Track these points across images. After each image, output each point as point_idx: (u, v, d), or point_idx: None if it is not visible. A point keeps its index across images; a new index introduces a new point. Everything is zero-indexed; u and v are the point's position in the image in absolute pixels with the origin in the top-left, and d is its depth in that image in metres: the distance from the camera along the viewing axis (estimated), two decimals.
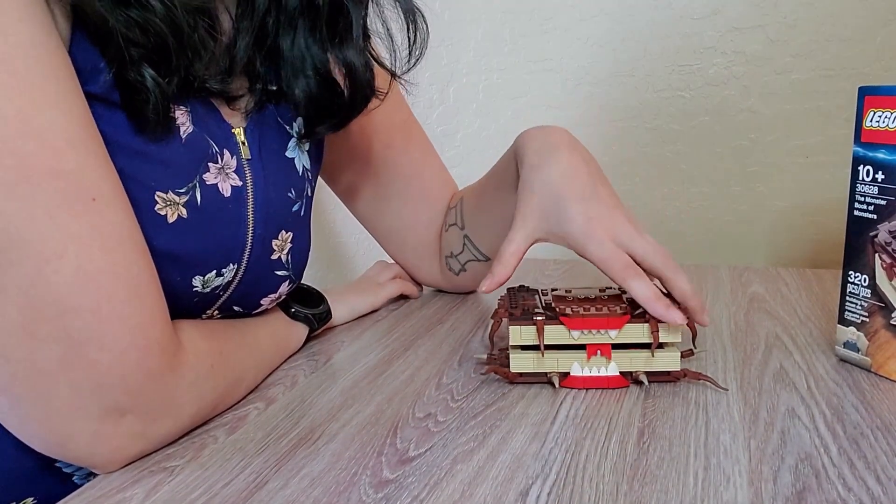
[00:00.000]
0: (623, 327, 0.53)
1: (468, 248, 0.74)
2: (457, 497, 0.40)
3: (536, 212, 0.57)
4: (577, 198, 0.56)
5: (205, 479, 0.43)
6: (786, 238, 1.02)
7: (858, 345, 0.55)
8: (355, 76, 0.56)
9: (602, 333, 0.53)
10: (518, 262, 0.57)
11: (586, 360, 0.53)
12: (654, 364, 0.53)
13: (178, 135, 0.48)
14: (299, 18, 0.53)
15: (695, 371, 0.53)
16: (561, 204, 0.56)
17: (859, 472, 0.41)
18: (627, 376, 0.54)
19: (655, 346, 0.53)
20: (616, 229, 0.55)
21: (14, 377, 0.41)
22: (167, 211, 0.47)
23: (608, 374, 0.53)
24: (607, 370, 0.53)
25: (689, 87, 1.01)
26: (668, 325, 0.53)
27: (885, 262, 0.52)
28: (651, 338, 0.53)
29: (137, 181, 0.45)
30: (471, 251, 0.74)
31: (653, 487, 0.40)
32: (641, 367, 0.53)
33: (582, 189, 0.56)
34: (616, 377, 0.53)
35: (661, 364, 0.53)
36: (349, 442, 0.47)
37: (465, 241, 0.74)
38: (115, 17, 0.42)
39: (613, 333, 0.53)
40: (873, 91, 0.52)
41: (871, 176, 0.52)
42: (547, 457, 0.44)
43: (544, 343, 0.53)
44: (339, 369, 0.60)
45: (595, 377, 0.54)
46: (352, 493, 0.41)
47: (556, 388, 0.54)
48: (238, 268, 0.53)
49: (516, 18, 1.08)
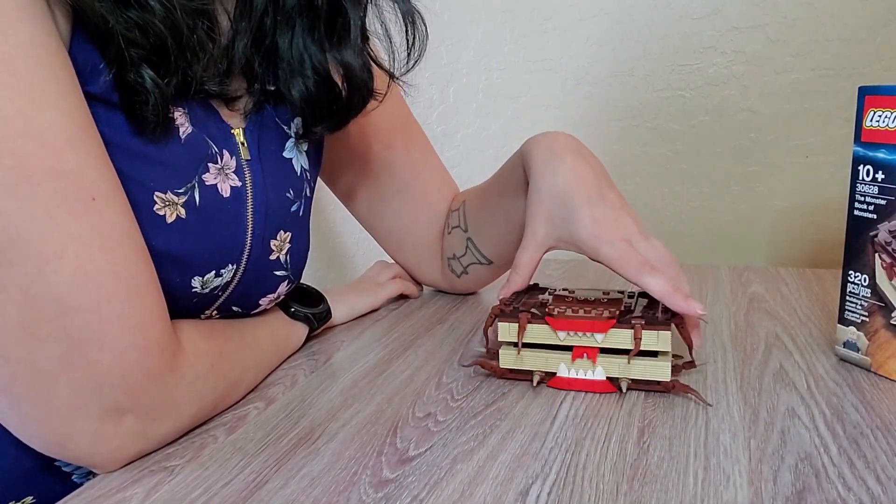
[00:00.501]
0: (608, 331, 0.52)
1: (471, 250, 0.74)
2: (457, 497, 0.40)
3: (546, 219, 0.58)
4: (583, 202, 0.56)
5: (205, 478, 0.43)
6: (786, 238, 1.02)
7: (858, 344, 0.55)
8: (353, 77, 0.56)
9: (587, 336, 0.53)
10: (532, 271, 0.58)
11: (571, 361, 0.53)
12: (643, 372, 0.52)
13: (177, 135, 0.48)
14: (297, 18, 0.53)
15: (684, 384, 0.51)
16: (568, 208, 0.56)
17: (859, 471, 0.41)
18: (615, 382, 0.53)
19: (634, 353, 0.52)
20: (624, 231, 0.55)
21: (14, 377, 0.41)
22: (166, 211, 0.47)
23: (594, 377, 0.53)
24: (594, 374, 0.53)
25: (689, 87, 1.01)
26: (657, 334, 0.51)
27: (885, 261, 0.52)
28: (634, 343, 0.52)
29: (136, 181, 0.45)
30: (473, 254, 0.74)
31: (653, 487, 0.40)
32: (630, 374, 0.52)
33: (588, 193, 0.56)
34: (602, 382, 0.53)
35: (650, 373, 0.52)
36: (349, 441, 0.47)
37: (467, 244, 0.74)
38: (116, 18, 0.42)
39: (599, 337, 0.52)
40: (873, 91, 0.52)
41: (871, 176, 0.52)
42: (547, 456, 0.44)
43: (527, 341, 0.54)
44: (338, 369, 0.60)
45: (581, 380, 0.53)
46: (352, 493, 0.41)
47: (534, 388, 0.54)
48: (237, 268, 0.53)
49: (516, 18, 1.08)
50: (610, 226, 0.55)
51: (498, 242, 0.71)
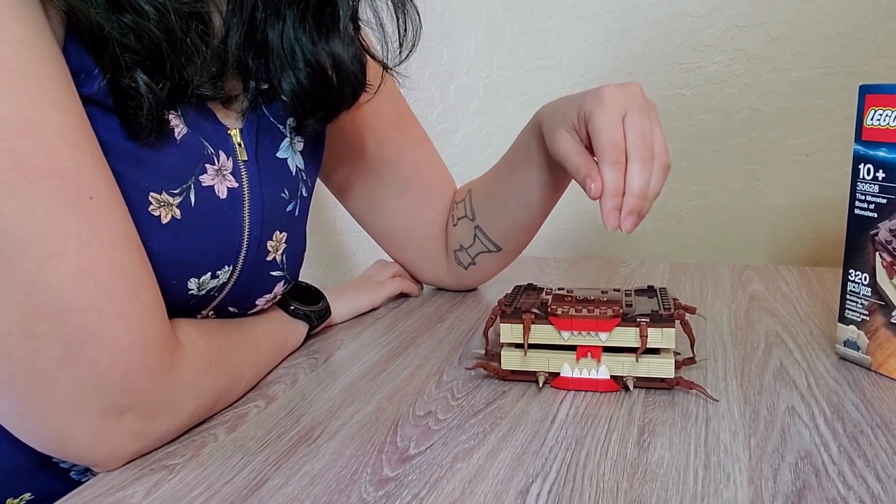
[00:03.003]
0: (613, 330, 0.52)
1: (479, 239, 0.73)
2: (457, 495, 0.40)
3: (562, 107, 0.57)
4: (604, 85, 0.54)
5: (205, 477, 0.43)
6: (786, 236, 1.02)
7: (859, 343, 0.55)
8: (342, 68, 0.56)
9: (591, 335, 0.52)
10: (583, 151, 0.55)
11: (576, 361, 0.53)
12: (647, 370, 0.52)
13: (172, 137, 0.48)
14: (287, 10, 0.53)
15: (688, 380, 0.52)
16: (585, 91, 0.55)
17: (859, 469, 0.41)
18: (619, 380, 0.53)
19: (641, 352, 0.52)
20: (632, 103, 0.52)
21: (14, 375, 0.41)
22: (161, 212, 0.47)
23: (598, 377, 0.53)
24: (598, 373, 0.53)
25: (690, 86, 1.01)
26: (661, 332, 0.51)
27: (886, 260, 0.52)
28: (640, 342, 0.52)
29: (131, 182, 0.45)
30: (482, 242, 0.74)
31: (653, 485, 0.40)
32: (633, 372, 0.52)
33: None
34: (606, 381, 0.53)
35: (654, 370, 0.52)
36: (349, 440, 0.47)
37: (476, 233, 0.73)
38: (111, 24, 0.42)
39: (603, 336, 0.52)
40: (874, 89, 0.52)
41: (871, 174, 0.52)
42: (547, 455, 0.44)
43: (530, 342, 0.53)
44: (339, 367, 0.60)
45: (585, 379, 0.53)
46: (352, 491, 0.41)
47: (539, 389, 0.54)
48: (233, 269, 0.53)
49: (517, 17, 1.08)
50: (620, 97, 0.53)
51: (509, 226, 0.71)
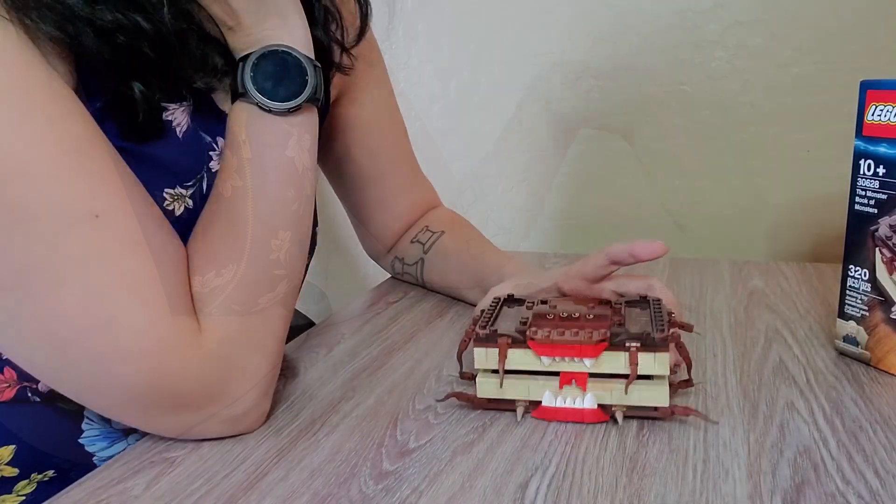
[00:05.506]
0: (599, 356, 0.46)
1: (417, 269, 0.77)
2: (456, 489, 0.40)
3: None
4: None
5: (205, 469, 0.44)
6: (786, 232, 1.02)
7: (858, 339, 0.55)
8: None
9: (576, 361, 0.47)
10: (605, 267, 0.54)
11: (559, 389, 0.47)
12: (638, 398, 0.46)
13: (174, 135, 0.49)
14: None
15: (683, 406, 0.46)
16: None
17: (858, 465, 0.41)
18: (607, 410, 0.47)
19: (632, 380, 0.46)
20: None
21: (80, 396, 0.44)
22: (174, 206, 0.48)
23: (584, 406, 0.47)
24: (583, 402, 0.47)
25: (691, 81, 1.01)
26: (654, 357, 0.45)
27: (886, 256, 0.52)
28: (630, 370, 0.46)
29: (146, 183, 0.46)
30: (416, 274, 0.78)
31: (652, 480, 0.41)
32: (623, 401, 0.47)
33: None
34: (593, 411, 0.47)
35: (646, 398, 0.46)
36: (349, 434, 0.47)
37: (418, 263, 0.77)
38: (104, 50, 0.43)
39: (589, 362, 0.46)
40: (875, 85, 0.52)
41: (871, 170, 0.52)
42: (546, 449, 0.44)
43: (506, 368, 0.47)
44: (339, 361, 0.60)
45: (569, 409, 0.47)
46: (352, 485, 0.41)
47: (518, 422, 0.48)
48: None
49: (518, 12, 1.07)
50: None
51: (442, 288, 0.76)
